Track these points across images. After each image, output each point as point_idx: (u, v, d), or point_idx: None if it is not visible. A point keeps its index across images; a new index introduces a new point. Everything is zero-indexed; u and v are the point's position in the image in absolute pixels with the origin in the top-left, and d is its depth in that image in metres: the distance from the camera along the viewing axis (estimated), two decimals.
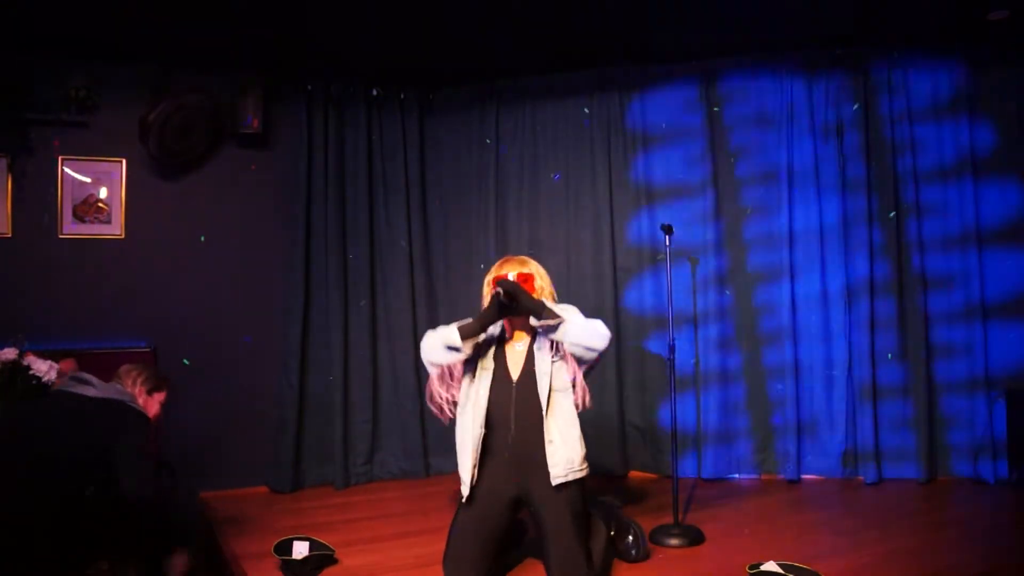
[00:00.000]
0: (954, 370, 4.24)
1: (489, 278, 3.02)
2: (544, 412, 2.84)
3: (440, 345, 2.84)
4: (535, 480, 2.82)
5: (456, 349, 2.83)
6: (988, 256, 4.22)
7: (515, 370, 2.92)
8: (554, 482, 2.78)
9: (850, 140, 4.36)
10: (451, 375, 2.92)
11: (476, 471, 2.87)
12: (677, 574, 2.97)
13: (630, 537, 3.09)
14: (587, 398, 2.87)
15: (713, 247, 4.45)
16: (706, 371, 4.41)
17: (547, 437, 2.82)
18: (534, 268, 3.03)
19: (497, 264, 3.07)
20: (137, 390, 2.98)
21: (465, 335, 2.83)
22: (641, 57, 4.51)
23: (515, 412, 2.86)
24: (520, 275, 2.96)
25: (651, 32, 4.10)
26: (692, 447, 4.45)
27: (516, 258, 3.08)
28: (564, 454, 2.81)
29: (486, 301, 2.95)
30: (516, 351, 2.96)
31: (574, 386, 2.87)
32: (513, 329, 2.99)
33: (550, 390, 2.85)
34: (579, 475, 2.84)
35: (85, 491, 2.60)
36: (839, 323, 4.33)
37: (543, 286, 2.99)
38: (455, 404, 2.95)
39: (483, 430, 2.87)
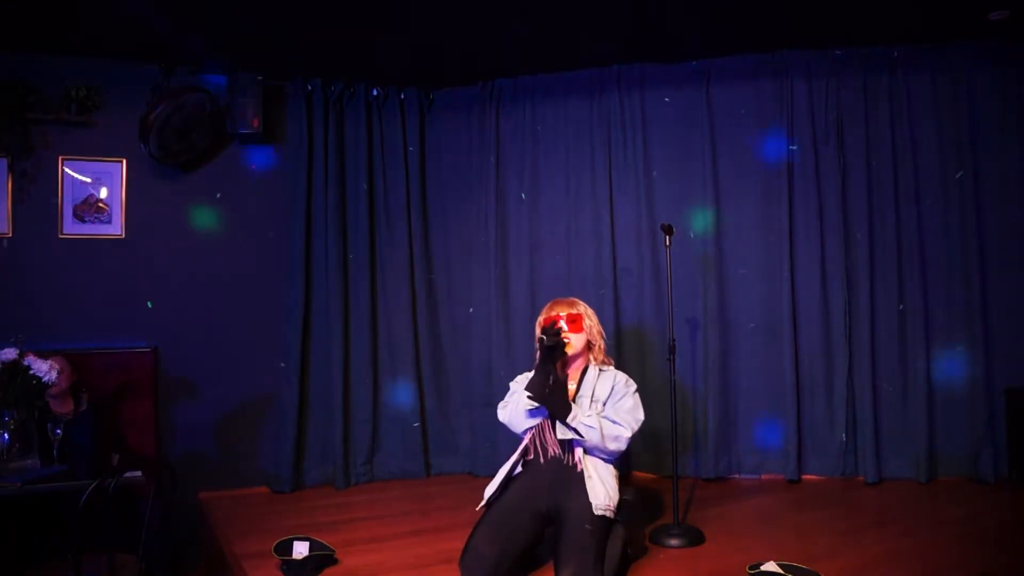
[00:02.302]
0: (954, 369, 4.23)
1: (540, 320, 3.17)
2: (581, 453, 2.99)
3: (521, 413, 3.01)
4: (571, 500, 2.90)
5: (537, 409, 2.98)
6: (989, 254, 4.21)
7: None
8: (596, 512, 2.86)
9: (850, 140, 4.36)
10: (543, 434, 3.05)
11: (509, 482, 3.05)
12: (677, 574, 2.97)
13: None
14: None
15: (713, 246, 4.44)
16: (706, 371, 4.41)
17: (586, 473, 2.95)
18: (582, 309, 3.17)
19: (547, 307, 3.20)
20: None
21: (535, 392, 2.93)
22: (641, 56, 4.51)
23: (559, 444, 3.00)
24: (569, 315, 3.10)
25: (650, 31, 4.09)
26: (692, 447, 4.45)
27: (564, 300, 3.21)
28: (603, 489, 2.92)
29: (537, 344, 3.05)
30: (569, 389, 3.08)
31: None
32: (563, 368, 3.07)
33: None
34: (615, 502, 2.95)
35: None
36: (839, 322, 4.33)
37: (591, 325, 3.16)
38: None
39: (521, 457, 3.07)
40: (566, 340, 3.01)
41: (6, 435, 3.04)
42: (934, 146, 4.29)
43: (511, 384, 3.21)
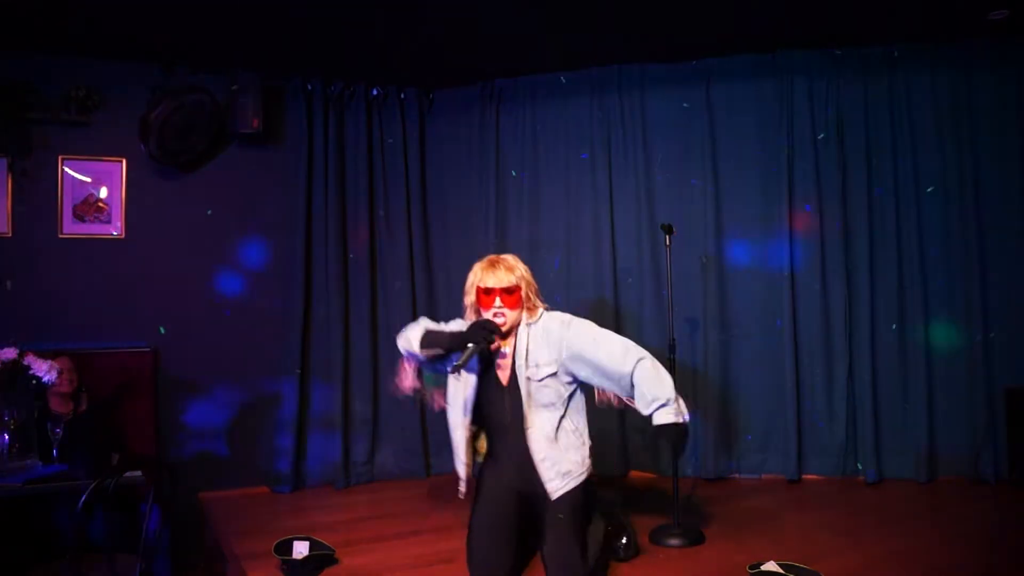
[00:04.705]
0: (954, 369, 4.23)
1: (473, 282, 2.94)
2: (527, 431, 2.83)
3: (403, 339, 2.95)
4: (537, 482, 2.83)
5: (413, 342, 2.90)
6: (989, 253, 4.21)
7: (504, 375, 2.92)
8: (552, 496, 2.79)
9: (851, 140, 4.36)
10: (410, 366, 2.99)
11: (473, 469, 2.95)
12: (677, 574, 2.97)
13: (624, 539, 3.09)
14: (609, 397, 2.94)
15: (713, 246, 4.44)
16: (706, 371, 4.41)
17: (537, 457, 2.81)
18: (517, 274, 2.89)
19: (481, 267, 2.94)
20: None
21: (426, 346, 2.86)
22: (641, 56, 4.51)
23: (510, 421, 2.87)
24: (505, 291, 2.84)
25: (651, 31, 4.09)
26: (692, 447, 4.45)
27: (501, 262, 2.92)
28: (557, 469, 2.81)
29: (468, 301, 2.97)
30: (504, 355, 2.92)
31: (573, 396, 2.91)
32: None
33: (530, 408, 2.83)
34: (579, 480, 2.84)
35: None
36: (839, 322, 4.33)
37: (529, 294, 2.91)
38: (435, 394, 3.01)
39: (468, 431, 2.92)
40: (498, 336, 2.82)
41: (6, 435, 3.05)
42: (934, 146, 4.29)
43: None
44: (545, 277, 4.65)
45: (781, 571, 2.80)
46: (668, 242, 3.53)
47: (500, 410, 2.89)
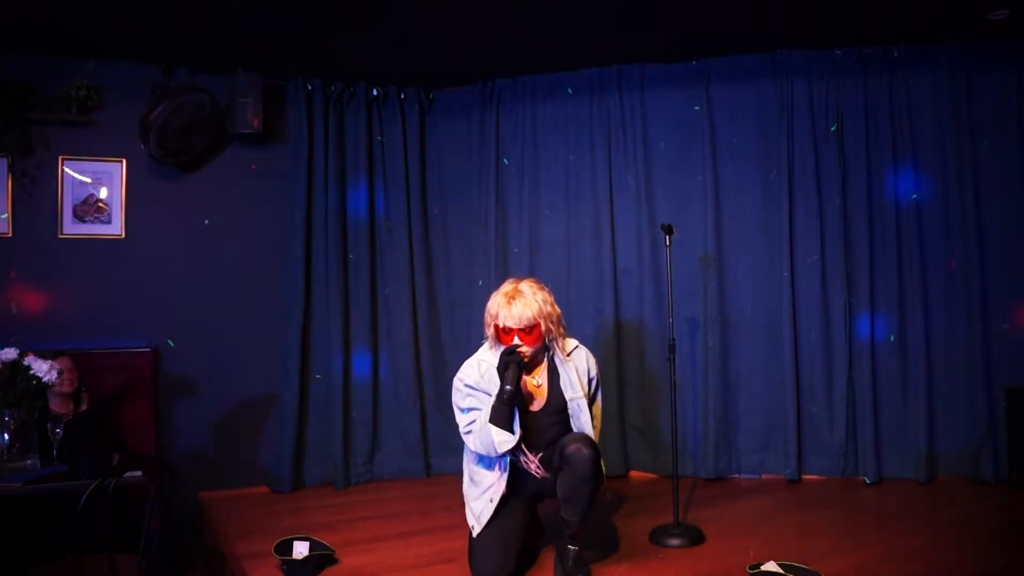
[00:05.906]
0: (954, 369, 4.23)
1: (493, 314, 2.88)
2: (550, 447, 2.92)
3: (493, 451, 2.80)
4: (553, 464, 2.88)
5: (509, 442, 2.78)
6: (989, 253, 4.21)
7: (537, 403, 2.96)
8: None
9: (850, 140, 4.36)
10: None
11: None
12: (677, 574, 2.97)
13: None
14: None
15: (713, 246, 4.44)
16: (706, 371, 4.41)
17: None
18: (535, 308, 2.82)
19: (499, 302, 2.86)
20: None
21: (504, 423, 2.77)
22: (641, 57, 4.51)
23: (539, 438, 2.92)
24: (523, 331, 2.82)
25: (650, 31, 4.09)
26: (692, 447, 4.45)
27: (519, 297, 2.83)
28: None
29: (489, 332, 2.94)
30: (535, 385, 2.98)
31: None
32: (532, 366, 2.98)
33: (559, 428, 2.94)
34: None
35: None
36: (839, 322, 4.33)
37: (550, 327, 2.89)
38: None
39: (506, 474, 2.90)
40: (524, 359, 2.82)
41: (6, 435, 3.04)
42: (934, 146, 4.29)
43: (462, 397, 2.96)
44: (546, 277, 4.66)
45: (781, 571, 2.80)
46: (668, 242, 3.53)
47: (530, 433, 2.91)
